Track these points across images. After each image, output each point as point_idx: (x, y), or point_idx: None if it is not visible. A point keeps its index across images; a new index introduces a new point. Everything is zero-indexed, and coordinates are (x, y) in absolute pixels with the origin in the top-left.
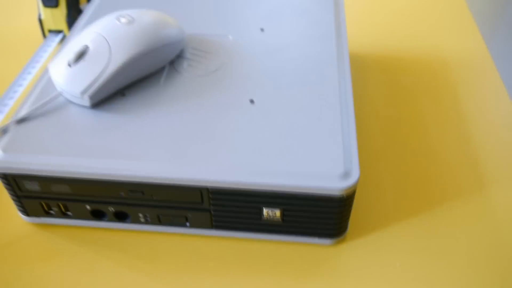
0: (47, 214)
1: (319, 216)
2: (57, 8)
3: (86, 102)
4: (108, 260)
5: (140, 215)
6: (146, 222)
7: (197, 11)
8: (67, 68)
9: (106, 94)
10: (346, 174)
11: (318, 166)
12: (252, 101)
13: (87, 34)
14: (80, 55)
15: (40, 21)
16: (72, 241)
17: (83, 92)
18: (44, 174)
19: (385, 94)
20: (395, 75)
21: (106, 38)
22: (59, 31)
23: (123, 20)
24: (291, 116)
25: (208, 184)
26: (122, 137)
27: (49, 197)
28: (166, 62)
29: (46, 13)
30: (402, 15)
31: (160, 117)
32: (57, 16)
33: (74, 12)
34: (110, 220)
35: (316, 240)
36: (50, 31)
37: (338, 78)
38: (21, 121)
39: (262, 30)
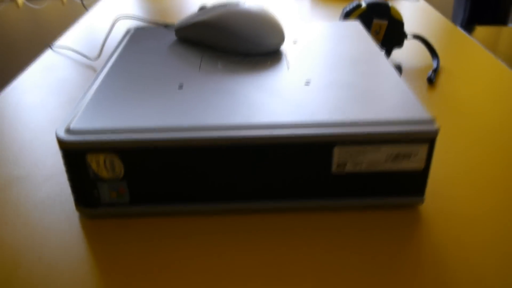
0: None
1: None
2: None
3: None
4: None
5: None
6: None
7: None
8: (198, 9)
9: (185, 33)
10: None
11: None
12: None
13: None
14: (202, 8)
15: None
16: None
17: (176, 24)
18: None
19: None
20: None
21: (218, 5)
22: None
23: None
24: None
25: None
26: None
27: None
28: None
29: None
30: None
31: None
32: None
33: None
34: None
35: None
36: None
37: None
38: None
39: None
